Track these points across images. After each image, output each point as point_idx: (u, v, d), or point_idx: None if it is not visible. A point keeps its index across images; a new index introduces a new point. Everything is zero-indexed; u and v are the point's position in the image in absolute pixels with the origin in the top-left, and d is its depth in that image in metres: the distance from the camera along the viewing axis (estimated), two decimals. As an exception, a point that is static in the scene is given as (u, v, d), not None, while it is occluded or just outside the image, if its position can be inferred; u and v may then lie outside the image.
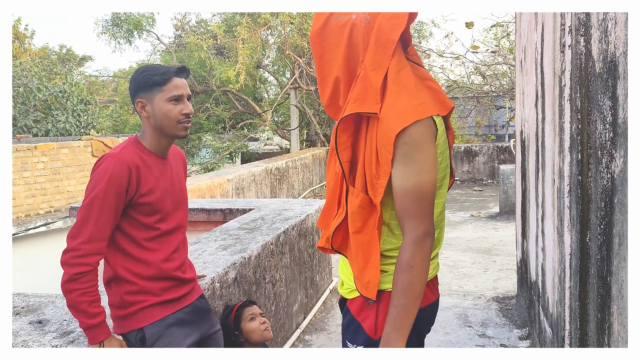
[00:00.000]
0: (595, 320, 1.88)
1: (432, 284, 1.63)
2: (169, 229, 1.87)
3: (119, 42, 15.55)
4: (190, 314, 1.93)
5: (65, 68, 23.74)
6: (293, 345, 3.63)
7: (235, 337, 2.37)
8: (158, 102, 1.83)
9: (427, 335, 1.69)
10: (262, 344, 2.42)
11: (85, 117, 15.00)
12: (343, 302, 1.69)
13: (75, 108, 14.72)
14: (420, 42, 15.54)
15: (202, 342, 1.98)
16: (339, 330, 3.95)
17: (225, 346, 2.22)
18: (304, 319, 4.01)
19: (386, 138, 1.41)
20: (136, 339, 1.82)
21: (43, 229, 7.86)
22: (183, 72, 1.89)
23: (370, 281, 1.50)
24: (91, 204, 1.72)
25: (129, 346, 1.82)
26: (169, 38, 19.30)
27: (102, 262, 1.80)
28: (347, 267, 1.62)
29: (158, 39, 16.64)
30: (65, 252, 1.70)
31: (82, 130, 14.71)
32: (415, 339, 1.56)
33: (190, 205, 4.68)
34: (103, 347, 1.73)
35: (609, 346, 1.71)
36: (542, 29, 2.94)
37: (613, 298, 1.63)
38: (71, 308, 1.71)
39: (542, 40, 2.95)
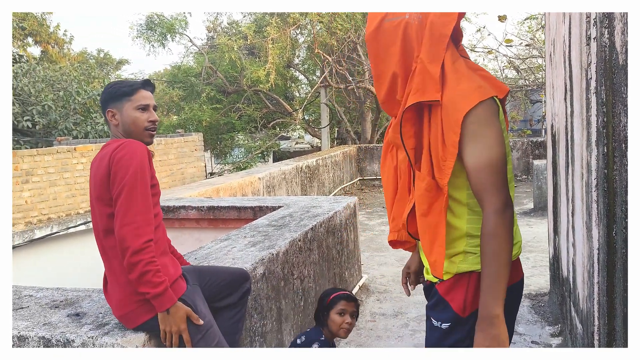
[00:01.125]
0: (622, 315, 1.86)
1: (515, 265, 1.68)
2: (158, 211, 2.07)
3: (153, 46, 15.93)
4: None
5: (103, 72, 24.44)
6: (322, 341, 3.67)
7: (321, 316, 2.57)
8: (127, 111, 2.03)
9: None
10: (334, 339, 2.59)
11: (122, 120, 15.38)
12: (428, 287, 1.78)
13: (113, 111, 15.11)
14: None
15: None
16: (369, 327, 4.00)
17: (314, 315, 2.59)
18: (333, 314, 4.05)
19: (453, 120, 1.50)
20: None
21: (83, 227, 8.14)
22: (149, 85, 2.11)
23: (436, 261, 1.59)
24: (131, 188, 1.85)
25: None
26: (202, 40, 19.67)
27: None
28: None
29: (191, 41, 16.96)
30: (122, 227, 1.82)
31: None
32: (507, 317, 1.59)
33: (222, 204, 4.79)
34: (169, 314, 1.85)
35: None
36: (570, 22, 2.89)
37: (639, 292, 1.61)
38: (137, 281, 1.83)
39: (570, 33, 2.91)
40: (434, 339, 1.67)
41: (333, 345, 2.64)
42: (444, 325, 1.63)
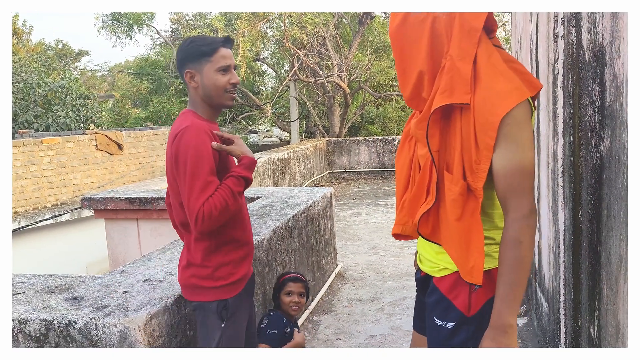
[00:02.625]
0: (587, 288, 2.06)
1: None
2: None
3: (120, 37, 15.64)
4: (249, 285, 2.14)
5: (62, 63, 23.78)
6: (302, 326, 3.80)
7: (275, 299, 3.02)
8: (207, 73, 1.89)
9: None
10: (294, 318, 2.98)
11: (85, 112, 15.11)
12: (423, 279, 1.74)
13: (74, 103, 14.83)
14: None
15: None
16: (346, 312, 4.15)
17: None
18: (312, 301, 4.19)
19: (489, 123, 1.41)
20: (218, 308, 1.96)
21: (51, 221, 8.02)
22: (229, 42, 1.95)
23: (474, 266, 1.49)
24: (193, 170, 1.80)
25: (207, 314, 1.97)
26: (166, 32, 19.39)
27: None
28: (431, 246, 1.66)
29: (158, 33, 16.73)
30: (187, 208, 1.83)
31: (82, 124, 14.84)
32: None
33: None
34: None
35: (599, 310, 1.88)
36: (537, 21, 3.09)
37: (602, 265, 1.80)
38: (232, 206, 1.85)
39: (537, 31, 3.11)
40: (440, 339, 1.61)
41: (295, 323, 2.95)
42: (449, 325, 1.58)
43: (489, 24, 1.52)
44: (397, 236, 1.77)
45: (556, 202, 2.66)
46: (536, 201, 3.41)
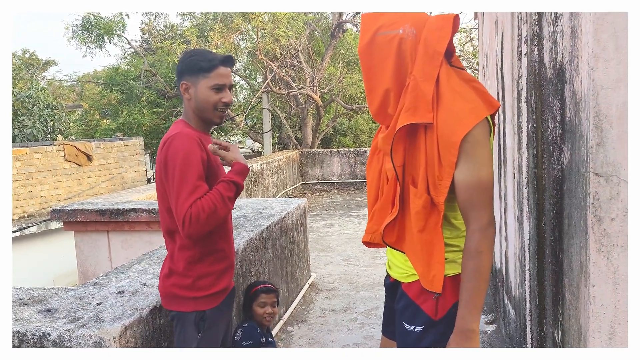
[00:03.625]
0: (551, 294, 2.15)
1: None
2: None
3: (90, 47, 15.43)
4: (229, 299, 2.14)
5: (29, 73, 23.28)
6: (276, 336, 3.82)
7: (247, 310, 2.98)
8: (201, 88, 1.94)
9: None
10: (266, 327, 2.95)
11: (52, 122, 14.82)
12: (392, 285, 1.83)
13: (42, 113, 14.52)
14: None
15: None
16: (320, 322, 4.18)
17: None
18: (286, 311, 4.21)
19: (450, 142, 1.51)
20: (196, 319, 1.97)
21: (18, 234, 7.82)
22: (229, 61, 1.99)
23: (435, 276, 1.60)
24: (182, 174, 1.82)
25: (184, 324, 1.98)
26: (137, 42, 19.23)
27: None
28: (400, 253, 1.74)
29: (129, 43, 16.57)
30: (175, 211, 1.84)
31: (50, 135, 14.54)
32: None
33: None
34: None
35: (562, 315, 1.97)
36: (502, 38, 3.23)
37: (564, 272, 1.90)
38: (221, 212, 1.84)
39: (502, 49, 3.24)
40: (409, 343, 1.68)
41: (269, 332, 2.98)
42: (418, 329, 1.66)
43: (450, 48, 1.62)
44: (367, 244, 1.85)
45: (521, 212, 2.77)
46: (503, 211, 3.53)
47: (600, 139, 1.48)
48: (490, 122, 1.60)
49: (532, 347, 2.59)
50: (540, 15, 2.20)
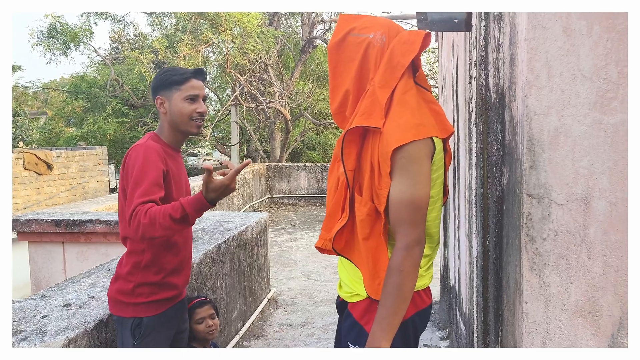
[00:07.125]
0: (493, 311, 2.21)
1: (428, 290, 1.75)
2: None
3: (55, 54, 15.15)
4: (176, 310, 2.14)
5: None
6: (232, 351, 3.80)
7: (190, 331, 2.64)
8: (175, 100, 2.01)
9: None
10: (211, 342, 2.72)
11: (14, 129, 14.45)
12: (342, 304, 1.79)
13: (3, 119, 14.12)
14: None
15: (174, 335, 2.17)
16: (277, 336, 4.17)
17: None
18: (243, 325, 4.19)
19: (384, 152, 1.51)
20: (132, 325, 1.98)
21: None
22: (200, 74, 2.07)
23: (380, 284, 1.57)
24: (139, 177, 1.85)
25: (123, 329, 2.00)
26: (105, 50, 18.98)
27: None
28: (347, 271, 1.72)
29: (95, 51, 16.35)
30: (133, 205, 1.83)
31: (11, 142, 14.15)
32: (412, 338, 1.69)
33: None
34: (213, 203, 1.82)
35: (502, 331, 2.03)
36: (457, 62, 3.34)
37: (503, 289, 1.96)
38: (158, 227, 1.78)
39: (457, 71, 3.35)
40: None
41: (214, 344, 2.84)
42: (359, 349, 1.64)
43: (416, 63, 1.64)
44: (320, 249, 1.82)
45: (471, 230, 2.85)
46: (456, 229, 3.62)
47: (533, 162, 1.56)
48: (438, 145, 1.59)
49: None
50: (486, 41, 2.29)
